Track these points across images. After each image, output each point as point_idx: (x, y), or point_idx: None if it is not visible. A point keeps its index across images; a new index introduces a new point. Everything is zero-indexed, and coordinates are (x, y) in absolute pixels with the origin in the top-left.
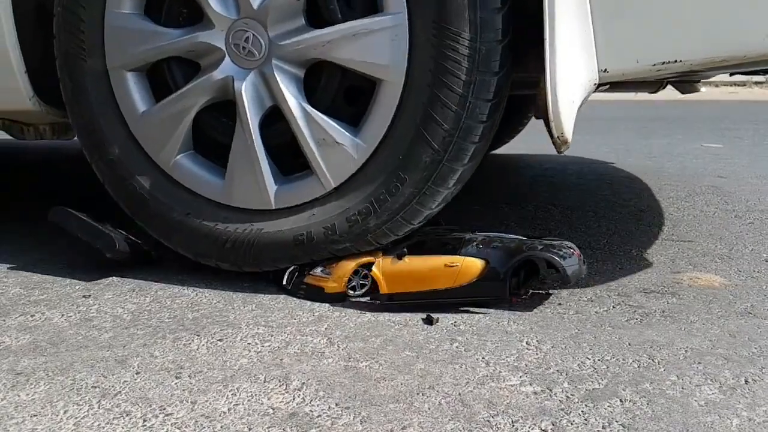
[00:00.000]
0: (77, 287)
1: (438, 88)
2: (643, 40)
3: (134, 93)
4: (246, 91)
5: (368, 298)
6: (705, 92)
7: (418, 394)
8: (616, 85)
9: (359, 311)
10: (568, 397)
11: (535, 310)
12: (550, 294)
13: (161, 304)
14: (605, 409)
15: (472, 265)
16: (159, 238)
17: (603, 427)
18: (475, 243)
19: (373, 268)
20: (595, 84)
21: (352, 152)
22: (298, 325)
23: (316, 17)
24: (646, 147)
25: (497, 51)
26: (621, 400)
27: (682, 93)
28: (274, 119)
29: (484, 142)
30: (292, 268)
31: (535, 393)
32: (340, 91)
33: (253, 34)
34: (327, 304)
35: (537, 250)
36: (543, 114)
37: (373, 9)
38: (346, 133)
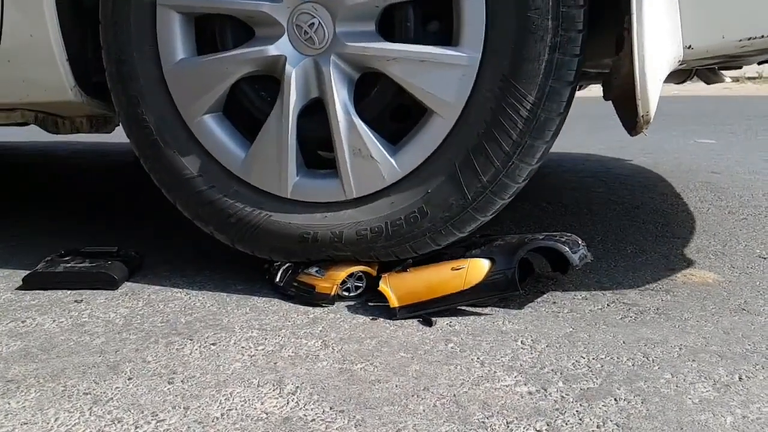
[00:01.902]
0: (69, 292)
1: (487, 139)
2: (730, 14)
3: (177, 37)
4: (295, 77)
5: (370, 302)
6: (693, 88)
7: (413, 396)
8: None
9: (353, 313)
10: (562, 396)
11: (529, 309)
12: (545, 292)
13: (154, 308)
14: (600, 408)
15: (479, 265)
16: (160, 186)
17: (597, 427)
18: (478, 244)
19: (381, 284)
20: (679, 61)
21: (384, 171)
22: (292, 328)
23: (387, 27)
24: (639, 143)
25: (554, 121)
26: (615, 399)
27: (707, 83)
28: (313, 111)
29: (511, 199)
30: (286, 266)
31: (530, 393)
32: (389, 107)
33: (320, 22)
34: (323, 307)
35: (540, 240)
36: (620, 94)
37: (446, 40)
38: (384, 151)
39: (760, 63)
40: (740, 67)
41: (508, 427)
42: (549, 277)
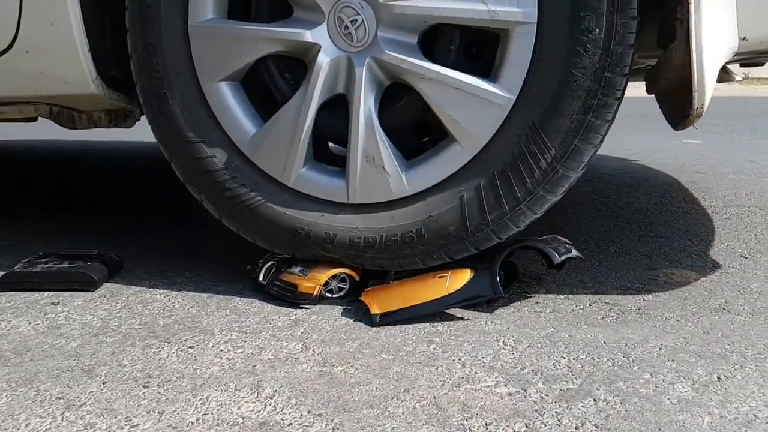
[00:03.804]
0: (46, 293)
1: (502, 181)
2: None
3: None
4: (326, 69)
5: (353, 303)
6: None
7: (392, 398)
8: None
9: (336, 314)
10: (542, 397)
11: (512, 308)
12: (528, 292)
13: (132, 311)
14: (579, 409)
15: (460, 273)
16: (158, 142)
17: (576, 428)
18: None
19: (362, 297)
20: (734, 53)
21: (392, 185)
22: (273, 330)
23: (428, 45)
24: (626, 143)
25: (569, 179)
26: (595, 400)
27: (717, 81)
28: (333, 105)
29: (505, 239)
30: (269, 264)
31: (510, 394)
32: (411, 123)
33: (363, 21)
34: (305, 308)
35: (520, 243)
36: (668, 87)
37: (485, 72)
38: (397, 165)
39: None
40: (762, 64)
41: (486, 428)
42: (532, 277)
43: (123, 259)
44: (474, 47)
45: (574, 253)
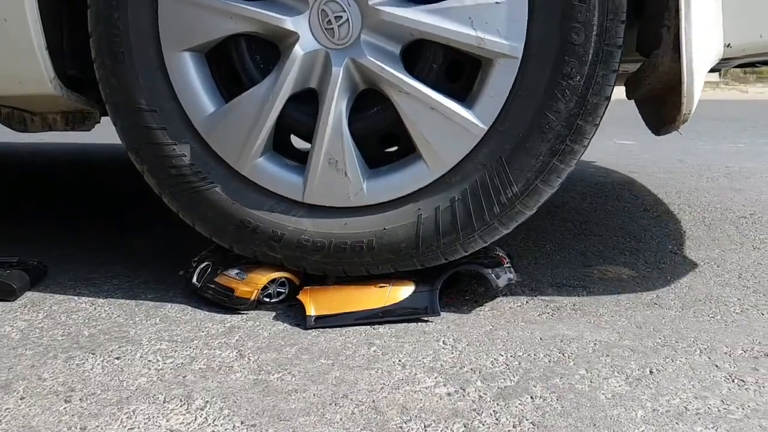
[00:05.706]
0: None
1: (461, 207)
2: None
3: None
4: (301, 60)
5: (293, 307)
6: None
7: (330, 404)
8: None
9: (274, 320)
10: (480, 396)
11: (452, 308)
12: (467, 290)
13: (55, 321)
14: (516, 407)
15: (401, 286)
16: (106, 103)
17: (514, 426)
18: None
19: (300, 294)
20: (719, 58)
21: (351, 192)
22: (206, 338)
23: (410, 57)
24: None
25: (524, 215)
26: (532, 397)
27: None
28: (303, 98)
29: (453, 259)
30: (204, 265)
31: (449, 394)
32: (381, 132)
33: (348, 19)
34: (241, 314)
35: (463, 264)
36: (652, 92)
37: (463, 93)
38: (360, 172)
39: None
40: (719, 71)
41: (425, 430)
42: (472, 276)
43: (46, 266)
44: (455, 69)
45: (513, 276)
